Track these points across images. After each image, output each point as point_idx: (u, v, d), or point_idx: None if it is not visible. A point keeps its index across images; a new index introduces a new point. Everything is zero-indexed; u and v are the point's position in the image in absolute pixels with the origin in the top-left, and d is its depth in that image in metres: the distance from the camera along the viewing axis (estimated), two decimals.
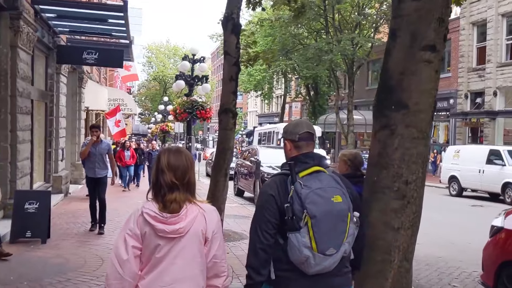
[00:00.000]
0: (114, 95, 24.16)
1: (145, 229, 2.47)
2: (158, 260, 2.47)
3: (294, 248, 2.54)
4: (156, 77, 67.48)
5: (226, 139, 8.92)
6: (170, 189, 2.48)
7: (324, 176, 2.66)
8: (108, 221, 10.08)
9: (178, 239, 2.47)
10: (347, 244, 2.66)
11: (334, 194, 2.61)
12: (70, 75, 17.42)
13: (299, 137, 2.76)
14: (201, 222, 2.50)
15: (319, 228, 2.52)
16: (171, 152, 2.59)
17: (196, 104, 13.84)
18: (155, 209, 2.47)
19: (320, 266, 2.57)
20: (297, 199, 2.53)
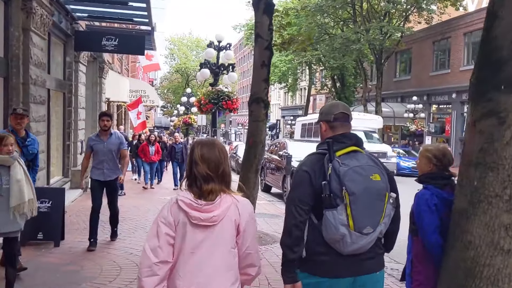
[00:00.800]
0: (136, 86, 23.44)
1: (179, 217, 2.48)
2: (192, 249, 2.46)
3: (330, 225, 2.52)
4: (178, 69, 66.96)
5: (257, 131, 8.04)
6: (205, 180, 2.49)
7: (361, 155, 2.63)
8: (127, 220, 9.35)
9: (211, 228, 2.47)
10: (383, 224, 2.62)
11: (373, 173, 2.57)
12: (90, 64, 16.79)
13: (334, 118, 2.74)
14: (234, 212, 2.51)
15: (357, 205, 2.49)
16: (204, 144, 2.60)
17: (222, 94, 12.94)
18: (190, 197, 2.48)
19: (356, 244, 2.53)
20: (335, 176, 2.50)
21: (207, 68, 13.32)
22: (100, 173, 7.34)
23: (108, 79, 18.30)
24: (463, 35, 30.57)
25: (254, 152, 7.99)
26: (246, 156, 8.12)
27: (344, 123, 2.77)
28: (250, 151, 8.08)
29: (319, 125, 2.86)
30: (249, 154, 8.06)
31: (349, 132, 2.75)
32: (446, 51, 32.64)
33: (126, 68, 28.29)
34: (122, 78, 20.44)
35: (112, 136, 7.44)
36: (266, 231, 8.88)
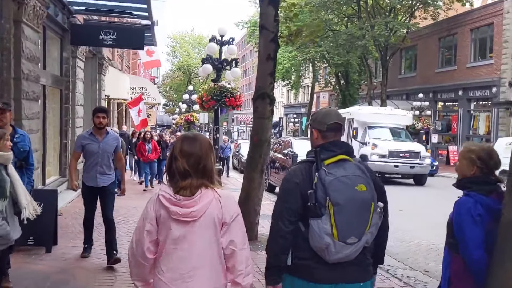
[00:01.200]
0: (137, 84, 22.96)
1: (160, 212, 2.49)
2: (174, 243, 2.47)
3: (315, 234, 2.52)
4: (180, 66, 66.48)
5: (263, 129, 7.59)
6: (183, 176, 2.48)
7: (349, 164, 2.61)
8: (126, 222, 8.91)
9: (192, 224, 2.46)
10: (369, 234, 2.61)
11: (358, 183, 2.56)
12: (89, 61, 16.32)
13: (328, 128, 2.72)
14: (216, 207, 2.48)
15: (341, 216, 2.49)
16: (186, 139, 2.59)
17: (225, 91, 12.42)
18: (170, 192, 2.48)
19: (340, 254, 2.53)
20: (321, 186, 2.51)
21: (209, 63, 12.85)
22: (92, 178, 6.38)
23: (108, 76, 17.84)
24: (469, 31, 30.06)
25: (259, 151, 7.54)
26: (251, 155, 7.67)
27: (337, 132, 2.76)
28: (255, 150, 7.62)
29: (311, 131, 2.86)
30: (254, 153, 7.60)
31: (339, 140, 2.75)
32: (452, 47, 32.14)
33: (127, 65, 27.83)
34: (123, 75, 19.98)
35: (108, 135, 6.42)
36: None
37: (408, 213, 11.59)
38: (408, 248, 8.31)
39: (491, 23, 28.10)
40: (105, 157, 6.37)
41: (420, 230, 9.72)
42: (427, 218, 10.93)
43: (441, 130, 32.44)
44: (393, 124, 21.74)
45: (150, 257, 2.51)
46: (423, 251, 8.13)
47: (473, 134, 29.96)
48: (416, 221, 10.84)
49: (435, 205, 13.43)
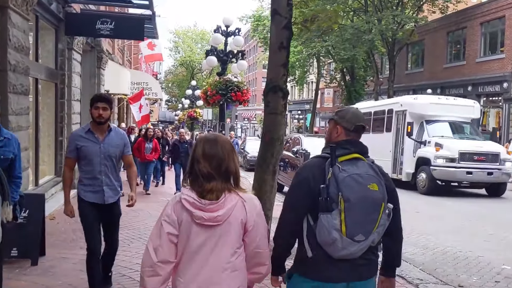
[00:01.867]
0: (138, 78, 22.18)
1: (182, 216, 2.42)
2: (195, 249, 2.41)
3: (323, 228, 2.53)
4: (183, 62, 65.70)
5: (275, 126, 6.83)
6: (206, 178, 2.42)
7: (363, 163, 2.62)
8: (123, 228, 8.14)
9: (216, 228, 2.41)
10: (376, 234, 2.62)
11: (371, 182, 2.56)
12: (87, 54, 15.61)
13: (355, 128, 2.74)
14: (240, 211, 2.44)
15: (351, 212, 2.50)
16: (207, 141, 2.53)
17: (231, 85, 11.59)
18: (194, 195, 2.41)
19: (346, 250, 2.55)
20: (334, 181, 2.52)
21: (214, 55, 12.03)
22: (94, 192, 4.78)
23: (107, 70, 17.10)
24: (479, 25, 29.24)
25: (271, 150, 6.78)
26: (262, 155, 6.91)
27: (359, 134, 2.78)
28: (266, 149, 6.86)
29: (335, 127, 2.81)
30: (265, 153, 6.84)
31: (355, 139, 2.75)
32: (461, 42, 31.32)
33: (128, 59, 27.05)
34: (123, 69, 19.22)
35: (111, 133, 4.81)
36: None
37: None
38: (433, 256, 7.56)
39: (502, 16, 27.28)
40: (110, 162, 4.78)
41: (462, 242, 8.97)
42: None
43: None
44: (457, 117, 16.89)
45: (173, 260, 2.43)
46: (450, 260, 7.39)
47: (482, 131, 29.14)
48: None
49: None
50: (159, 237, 2.41)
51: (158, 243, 2.40)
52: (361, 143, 2.75)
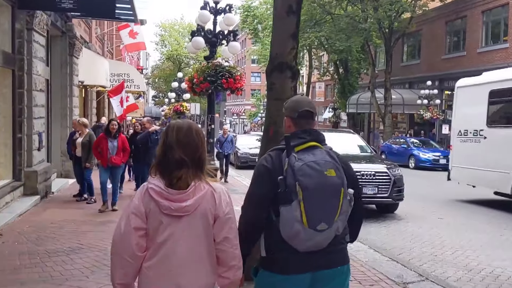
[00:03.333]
0: (118, 69, 20.27)
1: (149, 206, 2.34)
2: (163, 240, 2.33)
3: (285, 222, 2.52)
4: (170, 56, 63.61)
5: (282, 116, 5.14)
6: (178, 165, 2.34)
7: (320, 150, 2.63)
8: (88, 250, 6.44)
9: (184, 218, 2.34)
10: (340, 221, 2.60)
11: (328, 168, 2.55)
12: (58, 40, 13.87)
13: (299, 115, 2.73)
14: (210, 201, 2.38)
15: (311, 201, 2.48)
16: (180, 127, 2.44)
17: (221, 70, 9.70)
18: (161, 185, 2.33)
19: (311, 241, 2.52)
20: (291, 171, 2.51)
21: (200, 36, 10.13)
22: None
23: (82, 59, 15.31)
24: (481, 13, 27.81)
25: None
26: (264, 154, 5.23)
27: (309, 120, 2.74)
28: (270, 146, 5.17)
29: (284, 120, 2.85)
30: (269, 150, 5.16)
31: (311, 128, 2.72)
32: (461, 31, 29.90)
33: (109, 50, 25.01)
34: (100, 58, 17.33)
35: None
36: None
37: None
38: (485, 282, 5.94)
39: (505, 4, 25.85)
40: None
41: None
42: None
43: (451, 120, 30.23)
44: None
45: (140, 254, 2.31)
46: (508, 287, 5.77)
47: None
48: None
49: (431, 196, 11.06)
50: (128, 227, 2.31)
51: (125, 233, 2.30)
52: (317, 131, 2.71)
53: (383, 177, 9.61)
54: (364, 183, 9.40)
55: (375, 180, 9.52)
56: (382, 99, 30.32)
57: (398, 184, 9.78)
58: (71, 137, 10.67)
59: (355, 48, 31.79)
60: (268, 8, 37.59)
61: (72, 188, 11.67)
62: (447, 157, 22.37)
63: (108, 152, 9.28)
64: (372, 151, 11.25)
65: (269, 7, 37.35)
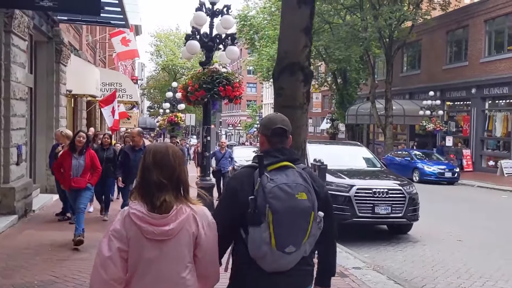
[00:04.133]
0: (109, 79, 19.31)
1: (131, 231, 2.29)
2: (146, 264, 2.30)
3: (253, 242, 2.48)
4: (165, 66, 62.80)
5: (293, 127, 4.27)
6: (158, 188, 2.33)
7: (292, 171, 2.58)
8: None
9: (167, 242, 2.32)
10: (308, 244, 2.58)
11: (299, 191, 2.52)
12: (43, 46, 13.04)
13: (272, 132, 2.70)
14: (192, 224, 2.36)
15: (280, 224, 2.45)
16: (157, 148, 2.46)
17: (219, 77, 8.80)
18: (143, 210, 2.30)
19: (277, 263, 2.50)
20: (262, 192, 2.47)
21: (195, 40, 9.20)
22: None
23: (70, 66, 14.42)
24: (483, 23, 27.16)
25: None
26: None
27: (282, 138, 2.70)
28: None
29: (259, 137, 2.85)
30: None
31: (284, 147, 2.68)
32: (462, 41, 29.25)
33: (101, 59, 24.07)
34: (90, 66, 16.40)
35: None
36: None
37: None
38: None
39: (509, 13, 25.22)
40: None
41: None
42: None
43: (453, 132, 29.52)
44: None
45: (123, 277, 2.29)
46: None
47: (488, 136, 27.02)
48: None
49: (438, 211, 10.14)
50: (109, 253, 2.27)
51: (108, 260, 2.26)
52: (290, 150, 2.69)
53: (397, 195, 8.70)
54: (376, 201, 8.51)
55: (388, 198, 8.60)
56: (382, 110, 29.54)
57: (413, 202, 8.88)
58: (54, 149, 9.68)
59: (354, 58, 31.06)
60: (265, 17, 36.92)
61: (56, 205, 10.70)
62: (453, 170, 21.71)
63: (71, 172, 7.32)
64: (382, 165, 10.35)
65: (266, 16, 36.70)
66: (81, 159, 7.42)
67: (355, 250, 7.88)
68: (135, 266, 2.30)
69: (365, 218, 8.55)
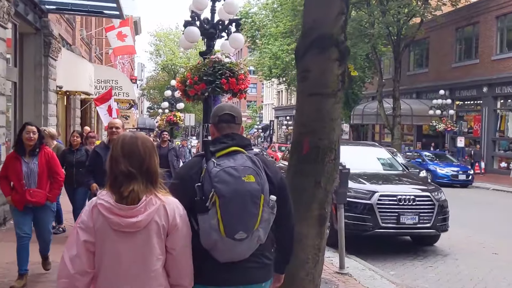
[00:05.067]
0: (105, 75, 18.21)
1: (98, 222, 2.20)
2: (115, 258, 2.20)
3: (203, 231, 2.38)
4: (165, 66, 61.69)
5: (322, 121, 3.23)
6: (126, 178, 2.22)
7: (241, 156, 2.47)
8: None
9: (136, 234, 2.20)
10: (262, 230, 2.43)
11: (247, 174, 2.40)
12: (30, 38, 12.04)
13: (219, 119, 2.61)
14: (162, 216, 2.24)
15: (227, 209, 2.33)
16: (125, 138, 2.34)
17: (221, 68, 7.67)
18: (111, 200, 2.20)
19: (231, 252, 2.38)
20: (208, 178, 2.38)
21: (195, 26, 8.05)
22: None
23: (61, 61, 13.39)
24: (495, 19, 26.16)
25: (316, 171, 3.20)
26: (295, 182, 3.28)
27: (230, 124, 2.59)
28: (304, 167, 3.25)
29: (209, 128, 2.73)
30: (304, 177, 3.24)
31: (233, 132, 2.57)
32: (472, 38, 28.24)
33: (97, 55, 22.99)
34: (83, 61, 15.29)
35: None
36: None
37: None
38: None
39: None
40: None
41: None
42: None
43: (464, 132, 28.47)
44: None
45: (90, 271, 2.20)
46: None
47: (499, 137, 25.98)
48: None
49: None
50: (75, 246, 2.19)
51: (74, 253, 2.18)
52: (240, 136, 2.57)
53: (425, 203, 7.61)
54: (401, 210, 7.43)
55: (415, 206, 7.52)
56: (389, 109, 28.51)
57: (443, 211, 7.78)
58: None
59: (360, 55, 29.99)
60: (267, 14, 35.89)
61: None
62: (467, 173, 20.65)
63: (23, 182, 5.33)
64: (404, 168, 9.26)
65: (268, 13, 35.66)
66: (33, 162, 5.39)
67: (378, 266, 6.84)
68: (103, 259, 2.20)
69: (389, 229, 7.46)
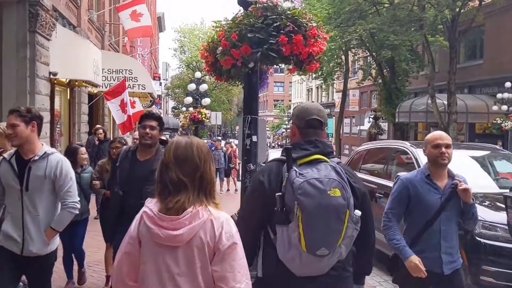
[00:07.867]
0: (117, 64, 15.01)
1: (142, 231, 2.06)
2: (154, 274, 2.02)
3: (281, 243, 2.33)
4: (189, 63, 59.11)
5: None
6: (176, 187, 2.05)
7: (325, 165, 2.39)
8: None
9: (176, 250, 2.01)
10: (344, 246, 2.38)
11: (332, 187, 2.32)
12: (11, 9, 9.47)
13: (306, 124, 2.53)
14: (209, 232, 2.02)
15: (310, 224, 2.26)
16: (179, 142, 2.16)
17: (277, 18, 4.36)
18: (155, 209, 2.05)
19: (308, 267, 2.31)
20: (290, 188, 2.31)
21: None
22: None
23: (57, 41, 10.47)
24: None
25: None
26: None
27: (317, 130, 2.53)
28: None
29: (290, 127, 2.64)
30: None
31: (317, 138, 2.48)
32: None
33: (111, 44, 19.94)
34: (85, 42, 12.12)
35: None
36: None
37: None
38: None
39: None
40: None
41: None
42: None
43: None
44: None
45: (131, 284, 2.09)
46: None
47: None
48: None
49: None
50: (121, 254, 2.10)
51: (119, 260, 2.11)
52: (323, 142, 2.48)
53: None
54: None
55: None
56: (441, 105, 25.09)
57: None
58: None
59: (406, 45, 26.55)
60: None
61: None
62: None
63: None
64: None
65: None
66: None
67: None
68: (143, 274, 2.04)
69: None
